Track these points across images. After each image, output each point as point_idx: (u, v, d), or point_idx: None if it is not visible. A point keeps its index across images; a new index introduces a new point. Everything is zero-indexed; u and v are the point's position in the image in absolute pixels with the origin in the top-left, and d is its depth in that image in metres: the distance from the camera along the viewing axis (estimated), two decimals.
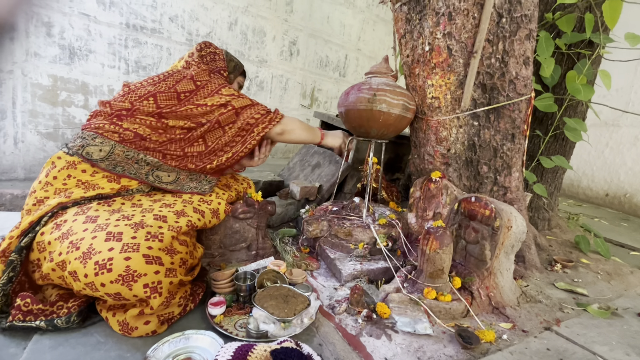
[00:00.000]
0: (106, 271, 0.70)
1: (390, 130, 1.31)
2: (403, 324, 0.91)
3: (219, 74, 1.26)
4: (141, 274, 0.72)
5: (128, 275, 0.71)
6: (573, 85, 1.45)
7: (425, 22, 1.25)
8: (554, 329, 0.98)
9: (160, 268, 0.75)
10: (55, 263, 0.74)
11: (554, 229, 1.85)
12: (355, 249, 1.25)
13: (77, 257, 0.72)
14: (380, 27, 4.02)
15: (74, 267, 0.72)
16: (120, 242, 0.74)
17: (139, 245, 0.75)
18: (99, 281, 0.71)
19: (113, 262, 0.71)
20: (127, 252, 0.73)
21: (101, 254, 0.71)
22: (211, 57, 1.26)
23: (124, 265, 0.71)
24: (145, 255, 0.74)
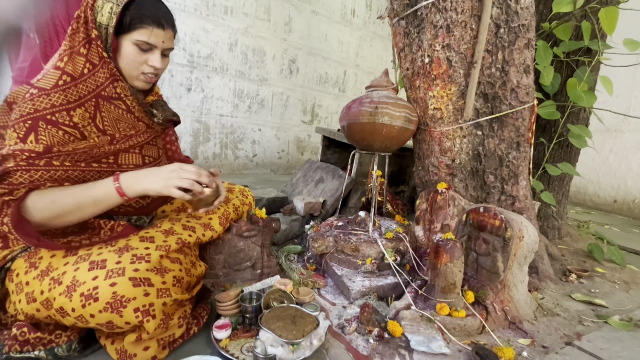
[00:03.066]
0: (93, 301, 0.66)
1: (393, 142, 1.30)
2: (417, 343, 0.86)
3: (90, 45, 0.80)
4: (130, 299, 0.67)
5: (116, 302, 0.66)
6: (574, 92, 1.45)
7: (423, 35, 1.26)
8: (575, 344, 0.93)
9: (150, 289, 0.71)
10: (40, 302, 0.69)
11: (565, 237, 1.81)
12: (362, 264, 1.22)
13: (61, 292, 0.67)
14: (378, 43, 4.11)
15: (60, 303, 0.67)
16: (105, 269, 0.69)
17: (124, 269, 0.70)
18: (87, 313, 0.66)
19: (99, 291, 0.66)
20: (112, 277, 0.68)
21: (86, 284, 0.67)
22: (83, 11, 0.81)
23: (111, 292, 0.66)
24: (132, 278, 0.69)
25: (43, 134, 0.74)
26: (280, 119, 3.43)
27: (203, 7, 2.74)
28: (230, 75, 3.00)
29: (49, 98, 0.76)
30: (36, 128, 0.74)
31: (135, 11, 0.79)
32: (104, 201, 0.76)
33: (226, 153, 3.10)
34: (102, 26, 0.80)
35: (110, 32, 0.80)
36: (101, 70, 0.82)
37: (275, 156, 3.47)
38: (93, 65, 0.81)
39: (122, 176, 0.77)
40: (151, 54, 0.84)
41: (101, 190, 0.76)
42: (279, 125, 3.44)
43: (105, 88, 0.84)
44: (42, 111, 0.75)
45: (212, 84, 2.91)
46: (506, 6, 1.18)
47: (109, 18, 0.79)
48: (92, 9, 0.79)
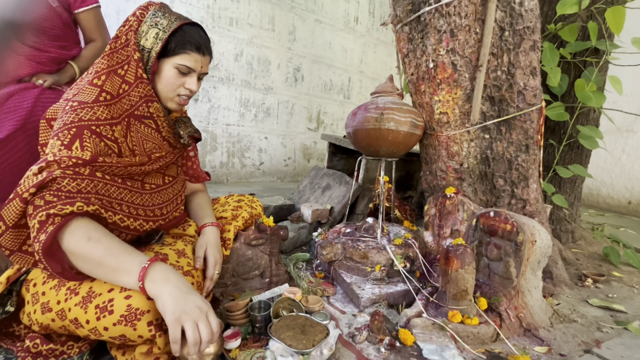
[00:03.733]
0: (107, 313, 0.66)
1: (400, 147, 1.30)
2: (429, 352, 0.85)
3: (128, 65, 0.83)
4: (144, 311, 0.66)
5: (130, 315, 0.65)
6: (583, 92, 1.43)
7: (427, 40, 1.26)
8: (594, 352, 0.90)
9: None
10: (55, 312, 0.69)
11: (579, 241, 1.77)
12: (372, 271, 1.20)
13: (76, 302, 0.68)
14: (381, 49, 4.13)
15: (75, 314, 0.67)
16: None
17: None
18: (101, 325, 0.66)
19: (114, 303, 0.66)
20: (127, 290, 0.68)
21: (101, 297, 0.67)
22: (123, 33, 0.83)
23: (125, 305, 0.66)
24: None
25: (88, 141, 0.75)
26: (286, 126, 3.46)
27: (209, 19, 2.80)
28: (236, 85, 3.04)
29: (93, 111, 0.77)
30: (81, 135, 0.74)
31: (181, 37, 0.84)
32: (120, 275, 0.67)
33: (233, 162, 3.12)
34: (145, 49, 0.83)
35: (154, 56, 0.83)
36: (136, 90, 0.84)
37: (282, 164, 3.48)
38: (128, 85, 0.83)
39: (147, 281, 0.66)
40: (189, 77, 0.88)
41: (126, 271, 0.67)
42: (285, 133, 3.46)
43: (139, 107, 0.86)
44: (87, 121, 0.76)
45: (219, 94, 2.95)
46: (510, 9, 1.17)
47: (154, 42, 0.83)
48: (136, 33, 0.83)
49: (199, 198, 1.11)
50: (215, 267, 0.94)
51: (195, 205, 1.09)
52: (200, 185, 1.15)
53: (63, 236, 0.66)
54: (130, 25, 0.83)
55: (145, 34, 0.83)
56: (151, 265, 0.67)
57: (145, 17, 0.84)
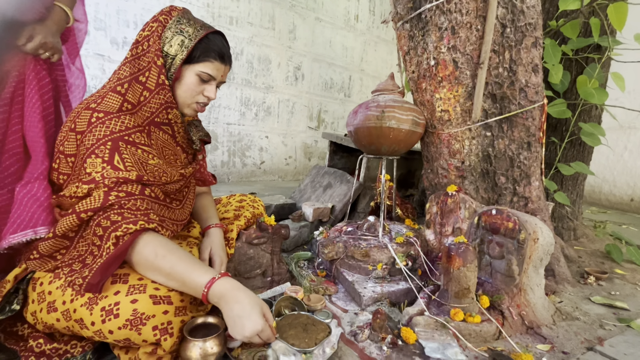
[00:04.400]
0: (113, 317, 0.66)
1: (401, 145, 1.29)
2: (431, 350, 0.85)
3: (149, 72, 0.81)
4: (149, 316, 0.67)
5: (136, 319, 0.67)
6: (585, 89, 1.42)
7: (428, 37, 1.26)
8: (597, 349, 0.90)
9: (169, 307, 0.71)
10: (60, 312, 0.70)
11: (581, 238, 1.76)
12: (373, 270, 1.20)
13: (82, 303, 0.68)
14: (382, 47, 4.11)
15: (80, 314, 0.68)
16: (127, 284, 0.71)
17: (146, 286, 0.71)
18: (106, 328, 0.67)
19: (120, 307, 0.67)
20: (133, 294, 0.69)
21: (107, 299, 0.68)
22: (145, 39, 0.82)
23: (131, 309, 0.67)
24: (152, 296, 0.70)
25: (126, 153, 0.76)
26: (287, 125, 3.45)
27: (209, 18, 2.79)
28: (236, 84, 3.03)
29: (121, 121, 0.78)
30: (118, 149, 0.75)
31: (205, 46, 0.84)
32: (188, 289, 0.73)
33: (234, 161, 3.12)
34: (169, 56, 0.83)
35: (178, 63, 0.83)
36: (157, 97, 0.84)
37: (283, 163, 3.48)
38: (149, 92, 0.83)
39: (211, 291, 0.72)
40: (209, 85, 0.88)
41: (192, 283, 0.72)
42: (286, 131, 3.45)
43: (159, 114, 0.86)
44: (118, 132, 0.77)
45: (219, 93, 2.94)
46: (512, 5, 1.17)
47: (179, 50, 0.82)
48: (160, 38, 0.82)
49: (203, 200, 1.11)
50: (220, 267, 0.96)
51: (200, 206, 1.09)
52: (206, 187, 1.16)
53: (132, 252, 0.71)
54: (153, 31, 0.82)
55: (170, 40, 0.82)
56: (210, 289, 0.71)
57: (169, 22, 0.83)
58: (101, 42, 2.36)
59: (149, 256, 0.71)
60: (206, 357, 0.71)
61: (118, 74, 0.82)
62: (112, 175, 0.73)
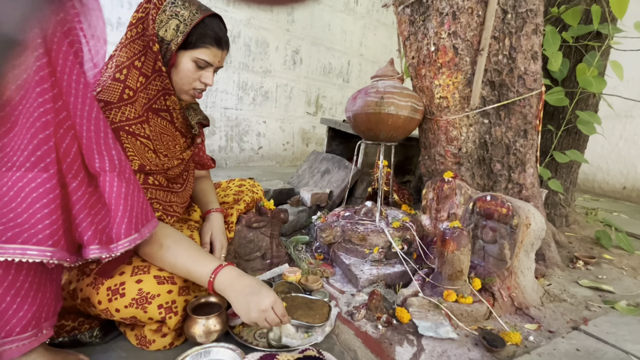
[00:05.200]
0: (119, 296, 0.69)
1: (400, 132, 1.30)
2: (424, 329, 0.88)
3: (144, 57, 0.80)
4: (154, 295, 0.71)
5: (142, 298, 0.70)
6: (584, 77, 1.43)
7: (429, 22, 1.25)
8: (582, 329, 0.94)
9: (173, 287, 0.74)
10: (67, 292, 0.73)
11: (572, 225, 1.80)
12: (370, 253, 1.23)
13: (88, 283, 0.71)
14: (382, 32, 4.05)
15: (87, 294, 0.71)
16: (131, 265, 0.73)
17: (150, 266, 0.74)
18: (113, 307, 0.70)
19: (125, 287, 0.70)
20: (137, 274, 0.72)
21: (113, 279, 0.70)
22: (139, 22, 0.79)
23: (137, 289, 0.70)
24: (157, 277, 0.73)
25: (127, 143, 0.76)
26: (285, 110, 3.43)
27: None
28: (234, 68, 2.99)
29: (122, 111, 0.76)
30: (119, 138, 0.75)
31: (202, 31, 0.80)
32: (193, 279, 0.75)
33: (232, 146, 3.11)
34: (165, 41, 0.79)
35: (173, 49, 0.80)
36: (153, 83, 0.82)
37: (281, 148, 3.47)
38: (146, 78, 0.81)
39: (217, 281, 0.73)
40: (206, 71, 0.86)
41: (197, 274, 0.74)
42: (284, 117, 3.43)
43: (157, 101, 0.85)
44: (118, 123, 0.75)
45: (216, 77, 2.90)
46: None
47: (174, 35, 0.79)
48: (154, 21, 0.78)
49: (203, 184, 1.12)
50: (221, 250, 0.98)
51: (200, 191, 1.10)
52: (205, 172, 1.16)
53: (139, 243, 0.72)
54: (147, 13, 0.78)
55: (165, 24, 0.79)
56: (216, 278, 0.73)
57: (163, 4, 0.79)
58: None
59: (154, 247, 0.73)
60: (209, 334, 0.74)
61: (116, 59, 0.79)
62: None
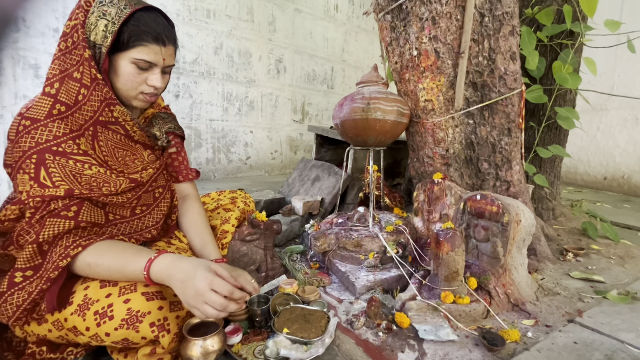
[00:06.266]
0: (107, 319, 0.65)
1: (387, 136, 1.31)
2: (425, 332, 0.88)
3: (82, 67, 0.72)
4: (145, 313, 0.67)
5: (132, 318, 0.66)
6: (560, 74, 1.48)
7: (410, 28, 1.27)
8: (577, 321, 0.96)
9: (164, 303, 0.71)
10: (51, 323, 0.69)
11: (559, 217, 1.85)
12: (365, 259, 1.23)
13: (72, 311, 0.67)
14: (363, 37, 4.11)
15: (72, 322, 0.67)
16: (117, 286, 0.70)
17: (136, 284, 0.70)
18: (102, 331, 0.66)
19: (113, 308, 0.66)
20: (124, 294, 0.68)
21: (99, 302, 0.67)
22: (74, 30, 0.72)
23: (125, 309, 0.66)
24: (145, 293, 0.69)
25: (53, 166, 0.69)
26: (271, 119, 3.42)
27: (185, 11, 2.71)
28: (217, 79, 2.97)
29: (48, 129, 0.69)
30: (44, 162, 0.68)
31: (134, 28, 0.72)
32: (132, 279, 0.71)
33: (219, 157, 3.08)
34: (96, 45, 0.72)
35: (104, 52, 0.72)
36: (94, 93, 0.73)
37: (269, 157, 3.46)
38: (87, 89, 0.73)
39: (152, 274, 0.70)
40: (151, 72, 0.77)
41: (133, 274, 0.70)
42: (270, 126, 3.43)
43: (102, 113, 0.76)
44: (45, 143, 0.68)
45: (200, 89, 2.88)
46: None
47: (103, 37, 0.71)
48: (84, 26, 0.71)
49: (191, 213, 1.01)
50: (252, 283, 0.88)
51: (190, 223, 0.99)
52: (191, 188, 1.06)
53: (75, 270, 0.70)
54: (77, 18, 0.71)
55: (94, 27, 0.71)
56: (150, 273, 0.69)
57: (91, 6, 0.71)
58: None
59: (85, 270, 0.69)
60: (207, 355, 0.71)
61: (48, 72, 0.72)
62: (37, 193, 0.67)
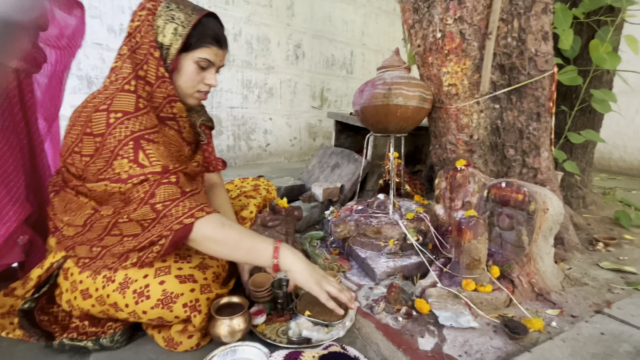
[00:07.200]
0: (145, 298, 0.72)
1: (409, 123, 1.29)
2: (445, 319, 0.89)
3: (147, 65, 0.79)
4: (178, 295, 0.73)
5: (166, 298, 0.72)
6: (597, 54, 1.38)
7: (434, 9, 1.22)
8: (605, 312, 0.93)
9: (195, 285, 0.76)
10: (95, 299, 0.76)
11: (590, 206, 1.77)
12: (385, 246, 1.24)
13: (114, 288, 0.74)
14: (383, 19, 3.98)
15: (114, 299, 0.74)
16: (153, 267, 0.76)
17: (170, 267, 0.77)
18: (140, 309, 0.73)
19: (150, 289, 0.73)
20: (160, 276, 0.74)
21: (137, 282, 0.73)
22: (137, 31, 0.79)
23: (161, 290, 0.73)
24: (178, 276, 0.75)
25: (148, 148, 0.74)
26: (290, 106, 3.42)
27: None
28: (237, 67, 2.99)
29: (139, 121, 0.74)
30: (140, 146, 0.73)
31: (200, 31, 0.80)
32: (255, 258, 0.78)
33: (240, 145, 3.13)
34: (164, 46, 0.79)
35: (174, 53, 0.79)
36: (158, 90, 0.81)
37: (288, 144, 3.48)
38: (150, 86, 0.80)
39: (280, 255, 0.77)
40: (208, 72, 0.85)
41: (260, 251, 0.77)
42: (289, 112, 3.43)
43: (163, 109, 0.83)
44: (138, 132, 0.74)
45: (220, 77, 2.91)
46: None
47: (173, 39, 0.78)
48: (150, 29, 0.78)
49: (219, 199, 1.07)
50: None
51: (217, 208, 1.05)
52: (217, 177, 1.12)
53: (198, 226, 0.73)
54: (143, 20, 0.77)
55: (162, 29, 0.78)
56: (281, 246, 0.78)
57: (157, 9, 0.78)
58: (98, 31, 2.32)
59: (216, 226, 0.74)
60: (234, 334, 0.76)
61: (121, 72, 0.77)
62: (138, 172, 0.72)
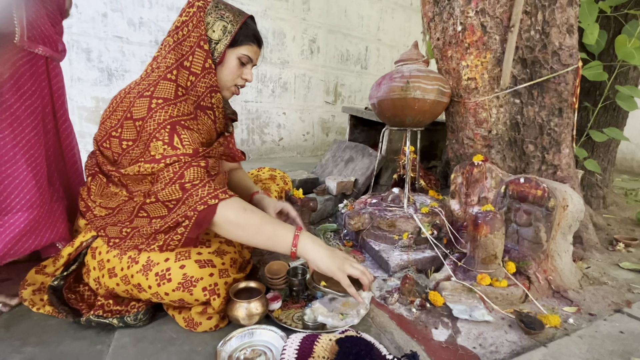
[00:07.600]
0: (166, 281, 0.76)
1: (426, 116, 1.28)
2: (459, 312, 0.89)
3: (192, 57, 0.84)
4: (198, 279, 0.76)
5: (187, 282, 0.76)
6: (624, 49, 1.34)
7: (455, 1, 1.20)
8: (625, 311, 0.92)
9: (214, 270, 0.79)
10: (120, 278, 0.80)
11: (611, 206, 1.73)
12: (399, 239, 1.24)
13: (138, 270, 0.78)
14: (399, 14, 3.93)
15: (138, 280, 0.78)
16: (174, 251, 0.79)
17: (190, 252, 0.80)
18: (162, 291, 0.76)
19: (171, 272, 0.76)
20: (180, 260, 0.77)
21: (159, 265, 0.77)
22: (184, 25, 0.84)
23: (181, 273, 0.76)
24: (197, 261, 0.78)
25: (184, 133, 0.79)
26: (304, 101, 3.43)
27: None
28: None
29: (178, 107, 0.80)
30: (176, 131, 0.78)
31: (245, 30, 0.88)
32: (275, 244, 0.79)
33: (253, 138, 3.16)
34: (212, 41, 0.86)
35: (222, 48, 0.86)
36: (203, 80, 0.86)
37: (301, 139, 3.49)
38: (195, 77, 0.85)
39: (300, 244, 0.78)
40: (246, 68, 0.92)
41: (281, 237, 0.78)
42: (303, 107, 3.44)
43: (204, 98, 0.89)
44: (176, 117, 0.79)
45: None
46: None
47: (222, 35, 0.85)
48: (202, 23, 0.84)
49: (238, 173, 1.16)
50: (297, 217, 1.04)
51: (238, 179, 1.14)
52: (237, 164, 1.19)
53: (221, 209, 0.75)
54: (191, 16, 0.84)
55: (212, 25, 0.85)
56: (301, 234, 0.79)
57: (207, 8, 0.85)
58: (119, 24, 2.38)
59: (239, 209, 0.76)
60: (251, 317, 0.78)
61: (165, 61, 0.83)
62: (171, 153, 0.77)
